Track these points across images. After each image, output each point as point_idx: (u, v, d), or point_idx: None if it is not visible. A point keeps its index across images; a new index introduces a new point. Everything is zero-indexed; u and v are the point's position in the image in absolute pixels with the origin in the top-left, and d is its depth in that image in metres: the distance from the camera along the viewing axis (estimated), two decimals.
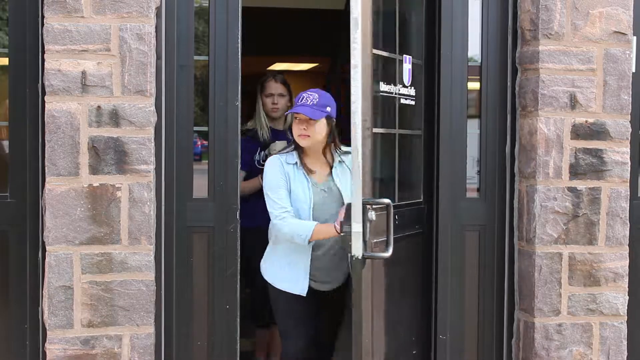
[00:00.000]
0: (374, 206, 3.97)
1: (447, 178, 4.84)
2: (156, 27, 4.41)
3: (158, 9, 4.43)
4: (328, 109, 4.46)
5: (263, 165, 4.83)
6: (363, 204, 3.81)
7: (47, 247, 4.28)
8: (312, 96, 4.47)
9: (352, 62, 3.75)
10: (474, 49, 4.94)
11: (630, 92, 4.77)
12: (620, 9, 4.72)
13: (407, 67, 4.68)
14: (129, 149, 4.29)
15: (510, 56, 4.89)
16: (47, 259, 4.28)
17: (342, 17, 10.32)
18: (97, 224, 4.28)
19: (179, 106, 4.54)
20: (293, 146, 4.57)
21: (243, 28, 4.63)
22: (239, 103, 4.57)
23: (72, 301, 4.28)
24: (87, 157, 4.27)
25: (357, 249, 3.84)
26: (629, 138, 4.77)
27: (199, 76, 4.63)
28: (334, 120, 4.53)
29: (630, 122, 4.78)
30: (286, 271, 4.57)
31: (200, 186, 4.61)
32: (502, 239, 4.95)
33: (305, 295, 4.54)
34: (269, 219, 4.52)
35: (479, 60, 4.92)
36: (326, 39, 10.79)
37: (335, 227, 4.27)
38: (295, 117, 4.49)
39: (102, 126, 4.27)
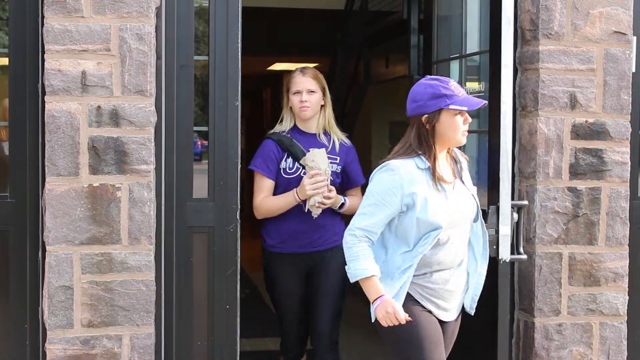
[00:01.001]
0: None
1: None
2: (156, 27, 4.41)
3: (158, 9, 4.43)
4: None
5: (290, 174, 4.70)
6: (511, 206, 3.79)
7: (47, 247, 4.27)
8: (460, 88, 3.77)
9: (503, 61, 3.75)
10: (474, 49, 4.95)
11: (630, 92, 4.76)
12: (620, 9, 4.72)
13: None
14: (129, 149, 4.29)
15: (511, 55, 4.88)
16: (47, 259, 4.28)
17: (343, 17, 10.35)
18: (97, 224, 4.28)
19: (179, 106, 4.54)
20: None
21: (243, 28, 4.63)
22: (239, 103, 4.57)
23: (72, 301, 4.28)
24: (87, 157, 4.27)
25: (505, 252, 3.83)
26: (629, 138, 4.77)
27: (199, 76, 4.63)
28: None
29: (630, 122, 4.77)
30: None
31: (200, 186, 4.60)
32: None
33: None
34: (302, 246, 4.72)
35: (478, 60, 4.92)
36: (326, 39, 10.80)
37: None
38: (457, 114, 3.72)
39: (102, 126, 4.27)
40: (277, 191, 4.73)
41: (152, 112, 4.32)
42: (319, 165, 4.57)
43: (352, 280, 3.74)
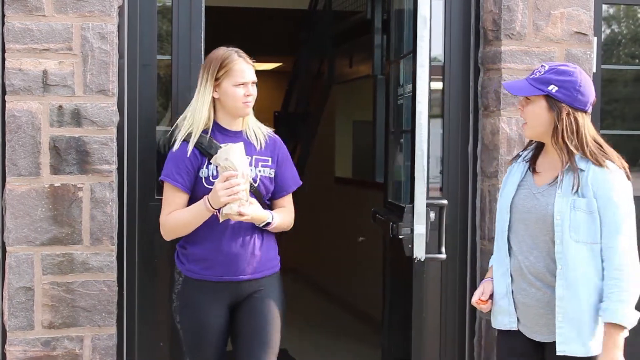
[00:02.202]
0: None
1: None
2: (119, 26, 4.39)
3: (120, 8, 4.41)
4: (551, 87, 3.27)
5: (213, 184, 3.67)
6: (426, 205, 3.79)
7: (7, 248, 4.24)
8: (541, 68, 3.38)
9: (419, 60, 3.73)
10: (437, 49, 4.95)
11: None
12: (581, 10, 4.75)
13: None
14: (91, 149, 4.26)
15: (472, 56, 4.91)
16: (7, 260, 4.24)
17: (307, 16, 10.35)
18: (59, 224, 4.25)
19: (142, 106, 4.52)
20: None
21: (206, 28, 4.61)
22: None
23: (33, 302, 4.24)
24: (49, 157, 4.24)
25: (419, 252, 3.84)
26: None
27: (162, 75, 4.61)
28: (567, 107, 3.27)
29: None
30: None
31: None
32: (465, 238, 4.96)
33: None
34: (229, 272, 3.75)
35: (442, 60, 4.93)
36: (290, 39, 10.79)
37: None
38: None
39: (64, 126, 4.24)
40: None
41: (114, 111, 4.30)
42: (234, 163, 3.57)
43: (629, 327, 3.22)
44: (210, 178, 3.74)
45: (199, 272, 3.79)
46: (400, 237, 3.91)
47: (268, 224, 3.77)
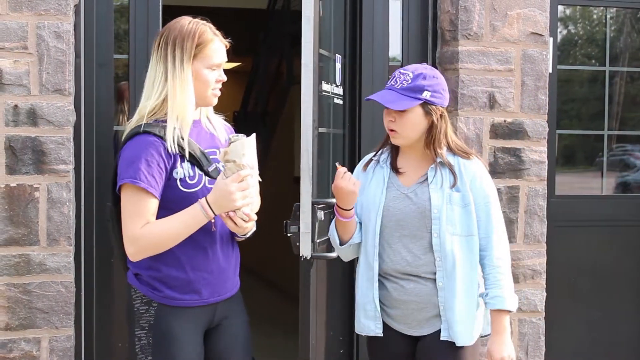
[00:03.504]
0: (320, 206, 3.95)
1: None
2: (75, 25, 4.36)
3: (77, 7, 4.38)
4: (425, 94, 3.28)
5: (191, 186, 3.08)
6: (312, 204, 3.79)
7: None
8: (404, 76, 3.31)
9: (303, 60, 3.71)
10: (395, 49, 4.98)
11: (548, 93, 4.84)
12: (537, 11, 4.80)
13: (338, 66, 4.70)
14: (47, 149, 4.22)
15: (430, 56, 4.93)
16: None
17: (266, 16, 10.33)
18: (15, 225, 4.21)
19: (99, 105, 4.49)
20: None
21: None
22: None
23: None
24: (4, 157, 4.20)
25: (306, 250, 3.83)
26: (546, 137, 4.85)
27: (120, 75, 4.59)
28: (440, 108, 3.33)
29: (547, 121, 4.85)
30: None
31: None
32: None
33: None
34: (213, 292, 3.18)
35: (400, 60, 4.95)
36: (249, 38, 10.77)
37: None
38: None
39: (20, 125, 4.21)
40: (165, 214, 3.05)
41: (70, 111, 4.27)
42: (252, 161, 3.02)
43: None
44: (187, 179, 3.08)
45: (180, 299, 3.11)
46: (289, 234, 3.92)
47: (252, 232, 3.24)
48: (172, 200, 3.05)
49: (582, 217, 5.17)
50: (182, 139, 3.06)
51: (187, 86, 3.09)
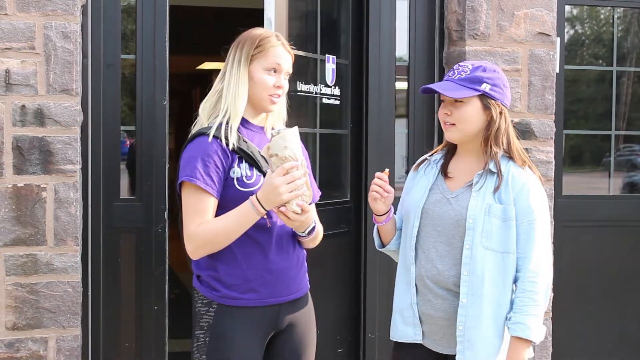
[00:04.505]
0: None
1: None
2: (82, 26, 4.37)
3: (84, 7, 4.39)
4: (484, 86, 3.09)
5: (249, 186, 3.05)
6: None
7: None
8: (462, 67, 3.15)
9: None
10: (402, 49, 4.99)
11: (555, 93, 4.84)
12: (544, 11, 4.79)
13: (330, 67, 4.69)
14: (55, 149, 4.23)
15: (437, 56, 4.93)
16: None
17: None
18: (22, 225, 4.22)
19: (106, 105, 4.51)
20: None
21: (171, 27, 4.60)
22: (166, 102, 4.55)
23: None
24: (12, 157, 4.21)
25: None
26: (553, 137, 4.84)
27: (127, 75, 4.60)
28: (501, 105, 3.12)
29: (554, 122, 4.85)
30: None
31: (127, 187, 4.60)
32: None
33: None
34: (274, 293, 3.10)
35: (407, 60, 4.95)
36: None
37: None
38: (442, 99, 3.21)
39: (27, 125, 4.22)
40: (224, 213, 3.04)
41: (78, 111, 4.28)
42: (295, 153, 2.95)
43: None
44: (244, 179, 3.06)
45: (238, 298, 3.07)
46: None
47: (312, 229, 3.14)
48: (229, 199, 3.03)
49: (589, 217, 5.17)
50: (230, 134, 3.04)
51: (240, 85, 3.10)
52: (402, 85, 4.98)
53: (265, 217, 3.00)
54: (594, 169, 5.39)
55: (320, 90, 4.59)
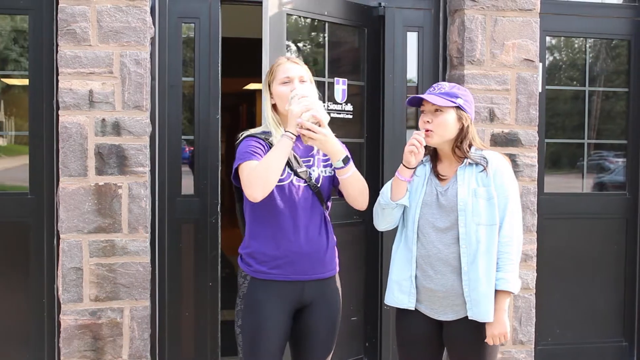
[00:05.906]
0: None
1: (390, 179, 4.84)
2: (151, 54, 4.39)
3: (152, 39, 4.42)
4: (459, 100, 3.16)
5: (281, 180, 3.06)
6: None
7: (61, 235, 4.25)
8: (441, 85, 3.23)
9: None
10: (412, 72, 4.97)
11: (537, 108, 4.83)
12: (529, 41, 4.79)
13: (339, 87, 4.65)
14: (129, 154, 4.27)
15: (441, 78, 4.92)
16: (60, 245, 4.25)
17: None
18: (102, 216, 4.26)
19: (170, 119, 4.53)
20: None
21: (223, 54, 4.63)
22: (219, 116, 4.57)
23: (82, 280, 4.25)
24: (94, 161, 4.25)
25: None
26: (537, 145, 4.83)
27: (186, 94, 4.61)
28: (469, 118, 3.20)
29: (537, 132, 4.84)
30: None
31: (187, 185, 4.59)
32: None
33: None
34: (298, 271, 3.11)
35: (416, 82, 4.95)
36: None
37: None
38: (422, 110, 3.25)
39: (106, 135, 4.26)
40: (263, 202, 3.02)
41: (147, 123, 4.31)
42: (313, 101, 3.01)
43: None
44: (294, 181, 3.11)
45: (266, 272, 3.08)
46: None
47: (347, 159, 3.04)
48: (274, 199, 3.06)
49: (566, 211, 5.15)
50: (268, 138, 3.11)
51: (265, 106, 3.21)
52: None
53: (296, 140, 3.00)
54: (570, 171, 5.37)
55: (328, 106, 4.56)
